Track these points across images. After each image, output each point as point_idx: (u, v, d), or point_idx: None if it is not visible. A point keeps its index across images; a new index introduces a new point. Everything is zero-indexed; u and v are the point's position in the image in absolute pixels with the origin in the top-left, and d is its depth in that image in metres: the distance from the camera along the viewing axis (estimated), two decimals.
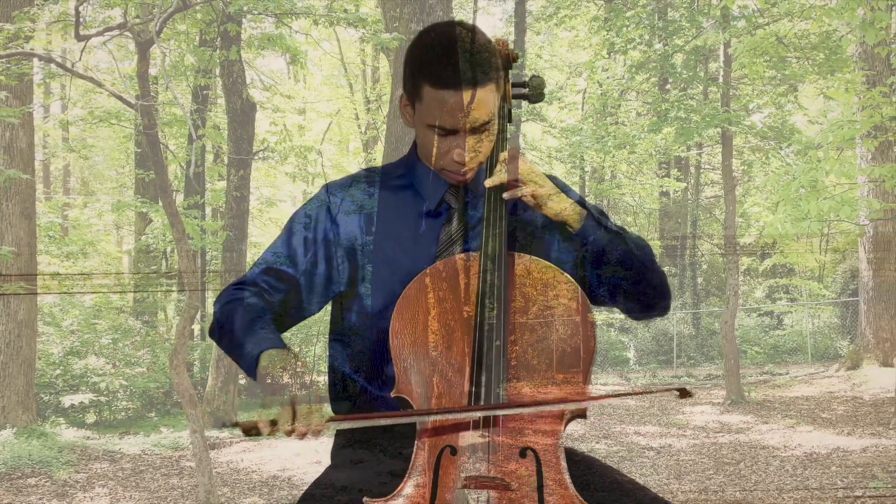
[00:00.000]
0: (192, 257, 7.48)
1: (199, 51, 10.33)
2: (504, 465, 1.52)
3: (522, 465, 1.53)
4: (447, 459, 1.53)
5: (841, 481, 7.22)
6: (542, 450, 1.54)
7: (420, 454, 1.56)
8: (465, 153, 1.66)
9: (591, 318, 1.59)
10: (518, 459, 1.53)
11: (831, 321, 17.37)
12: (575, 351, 1.57)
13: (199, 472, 6.59)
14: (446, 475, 1.53)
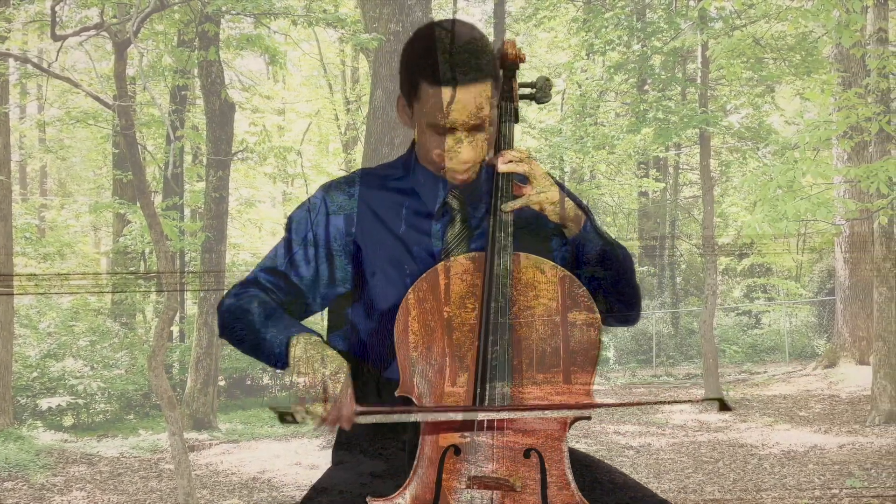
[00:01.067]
0: (170, 259, 7.44)
1: (178, 51, 10.27)
2: (508, 465, 1.53)
3: (526, 465, 1.53)
4: (451, 459, 1.53)
5: (818, 479, 7.29)
6: (546, 450, 1.54)
7: (424, 454, 1.55)
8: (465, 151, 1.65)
9: (597, 318, 1.59)
10: (522, 460, 1.53)
11: (808, 320, 17.53)
12: (581, 351, 1.57)
13: (178, 474, 6.55)
14: (450, 475, 1.53)
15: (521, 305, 1.59)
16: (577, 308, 1.59)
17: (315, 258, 1.74)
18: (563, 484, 1.52)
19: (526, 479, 1.52)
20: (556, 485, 1.52)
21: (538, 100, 1.81)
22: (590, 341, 1.58)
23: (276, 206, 20.30)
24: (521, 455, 1.53)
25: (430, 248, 1.71)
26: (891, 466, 7.47)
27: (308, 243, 1.75)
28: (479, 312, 1.58)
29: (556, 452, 1.54)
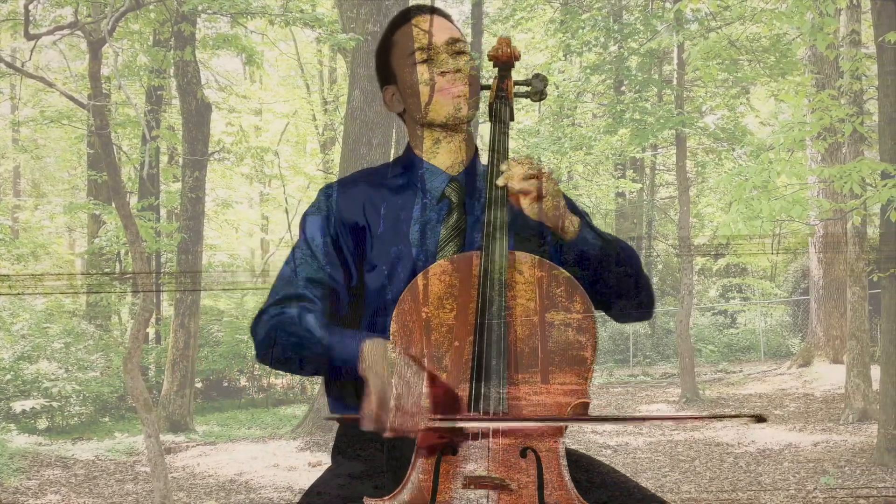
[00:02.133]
0: (146, 260, 7.39)
1: (153, 50, 10.21)
2: (504, 465, 1.52)
3: (523, 465, 1.53)
4: (447, 459, 1.53)
5: (793, 477, 7.35)
6: (543, 450, 1.54)
7: (420, 454, 1.55)
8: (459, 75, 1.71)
9: (593, 317, 1.59)
10: (518, 459, 1.53)
11: (783, 319, 17.68)
12: (578, 350, 1.57)
13: (154, 477, 6.51)
14: (446, 475, 1.52)
15: (518, 304, 1.58)
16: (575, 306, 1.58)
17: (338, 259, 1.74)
18: (559, 483, 1.52)
19: (522, 478, 1.52)
20: (553, 484, 1.52)
21: (534, 97, 1.82)
22: (587, 339, 1.58)
23: (254, 207, 20.21)
24: (517, 455, 1.53)
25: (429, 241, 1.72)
26: (864, 464, 7.56)
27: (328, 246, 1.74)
28: (476, 312, 1.57)
29: (552, 452, 1.54)
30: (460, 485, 1.51)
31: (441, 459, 1.53)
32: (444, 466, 1.53)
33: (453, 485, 1.52)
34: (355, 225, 1.75)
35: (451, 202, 1.74)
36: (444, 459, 1.53)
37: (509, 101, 1.77)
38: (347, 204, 1.77)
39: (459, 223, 1.72)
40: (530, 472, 1.52)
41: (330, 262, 1.73)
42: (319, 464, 8.57)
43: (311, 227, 1.77)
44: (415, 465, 1.54)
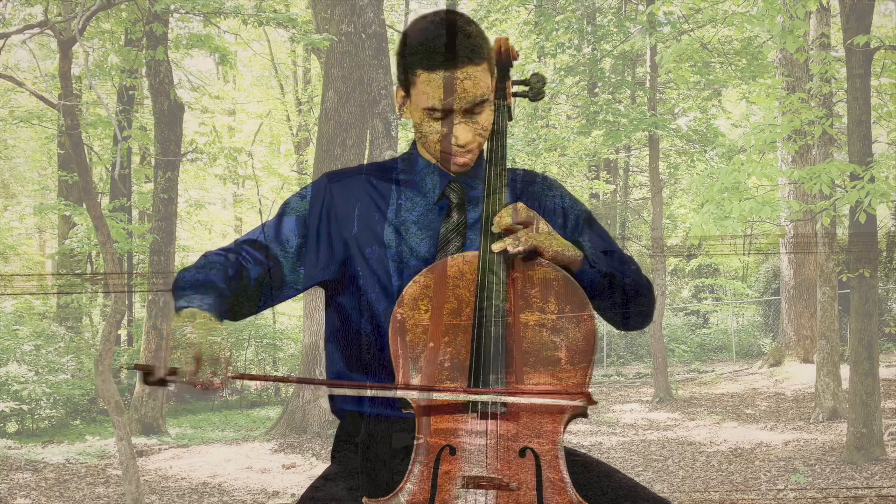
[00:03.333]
0: (117, 261, 7.33)
1: (125, 50, 10.12)
2: (503, 464, 1.52)
3: (522, 464, 1.53)
4: (446, 459, 1.53)
5: (764, 475, 7.42)
6: (542, 450, 1.54)
7: (419, 454, 1.55)
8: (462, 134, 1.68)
9: (591, 316, 1.59)
10: (517, 459, 1.53)
11: (755, 319, 17.85)
12: (576, 348, 1.58)
13: (125, 480, 6.45)
14: (445, 475, 1.52)
15: (516, 304, 1.58)
16: (573, 307, 1.59)
17: (304, 235, 1.74)
18: (558, 483, 1.53)
19: (521, 478, 1.52)
20: (552, 484, 1.52)
21: (532, 97, 1.82)
22: (586, 337, 1.58)
23: (227, 208, 20.09)
24: (516, 454, 1.53)
25: (428, 241, 1.72)
26: (834, 462, 7.65)
27: (300, 218, 1.74)
28: (473, 312, 1.58)
29: (551, 452, 1.54)
30: (459, 485, 1.51)
31: (440, 459, 1.53)
32: (444, 466, 1.53)
33: (453, 485, 1.52)
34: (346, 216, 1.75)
35: (450, 202, 1.74)
36: (444, 459, 1.53)
37: (508, 102, 1.77)
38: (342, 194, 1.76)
39: (459, 223, 1.73)
40: (529, 472, 1.52)
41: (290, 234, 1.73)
42: (293, 466, 8.53)
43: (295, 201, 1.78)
44: (413, 464, 1.54)
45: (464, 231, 1.72)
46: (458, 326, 1.58)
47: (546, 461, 1.53)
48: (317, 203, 1.76)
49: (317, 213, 1.75)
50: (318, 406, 9.82)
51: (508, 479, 1.52)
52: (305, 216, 1.75)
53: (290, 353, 14.96)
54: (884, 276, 15.40)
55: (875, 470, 7.25)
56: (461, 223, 1.73)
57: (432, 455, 1.54)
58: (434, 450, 1.54)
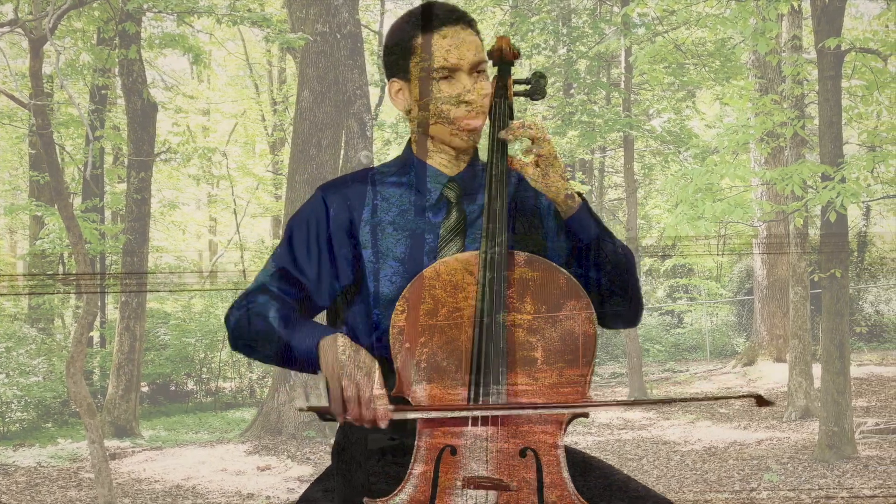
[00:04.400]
0: (89, 262, 7.25)
1: (97, 49, 10.03)
2: (504, 465, 1.52)
3: (522, 465, 1.52)
4: (447, 459, 1.52)
5: (738, 474, 7.48)
6: (543, 450, 1.54)
7: (420, 454, 1.54)
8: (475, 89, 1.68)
9: (592, 315, 1.59)
10: (518, 459, 1.53)
11: (728, 319, 17.99)
12: (577, 348, 1.58)
13: (98, 483, 6.39)
14: (446, 475, 1.52)
15: (516, 303, 1.58)
16: (573, 306, 1.58)
17: (318, 257, 1.73)
18: (559, 483, 1.52)
19: (522, 478, 1.52)
20: (553, 484, 1.52)
21: (533, 96, 1.81)
22: (586, 338, 1.58)
23: (201, 209, 19.96)
24: (517, 455, 1.53)
25: (427, 242, 1.71)
26: (806, 460, 7.72)
27: (311, 243, 1.73)
28: (474, 312, 1.57)
29: (552, 452, 1.54)
30: (460, 485, 1.51)
31: (441, 460, 1.53)
32: (444, 467, 1.52)
33: (453, 485, 1.51)
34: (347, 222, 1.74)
35: (449, 202, 1.74)
36: (444, 460, 1.53)
37: (509, 100, 1.76)
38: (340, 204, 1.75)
39: (458, 223, 1.72)
40: (530, 472, 1.52)
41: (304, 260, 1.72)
42: (268, 468, 8.49)
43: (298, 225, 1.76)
44: (414, 465, 1.54)
45: (463, 231, 1.72)
46: (458, 327, 1.58)
47: (546, 461, 1.53)
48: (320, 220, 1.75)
49: (324, 229, 1.74)
50: (293, 408, 9.77)
51: (509, 480, 1.51)
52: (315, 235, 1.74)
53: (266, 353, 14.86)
54: (854, 276, 15.59)
55: (846, 468, 7.33)
56: (460, 223, 1.72)
57: (433, 455, 1.53)
58: (435, 450, 1.53)
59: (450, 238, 1.71)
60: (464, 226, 1.72)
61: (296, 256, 1.73)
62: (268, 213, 18.17)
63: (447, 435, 1.54)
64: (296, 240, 1.74)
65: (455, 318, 1.58)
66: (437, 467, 1.52)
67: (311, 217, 1.75)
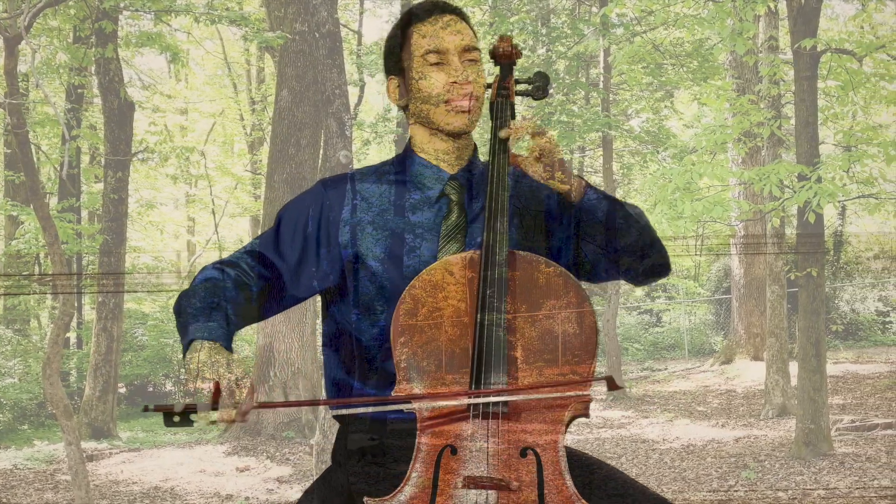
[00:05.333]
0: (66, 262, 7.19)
1: (73, 48, 9.95)
2: (504, 465, 1.52)
3: (523, 465, 1.52)
4: (447, 459, 1.52)
5: (716, 472, 7.53)
6: (543, 450, 1.54)
7: (420, 454, 1.54)
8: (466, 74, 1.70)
9: (592, 313, 1.59)
10: (519, 459, 1.53)
11: (706, 318, 18.10)
12: (577, 346, 1.58)
13: (75, 485, 6.33)
14: (446, 475, 1.52)
15: (517, 302, 1.58)
16: (573, 302, 1.59)
17: (303, 244, 1.73)
18: (559, 483, 1.52)
19: (522, 478, 1.52)
20: (553, 484, 1.52)
21: (535, 95, 1.81)
22: (587, 335, 1.58)
23: (179, 208, 19.83)
24: (517, 454, 1.53)
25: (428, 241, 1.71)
26: (783, 458, 7.79)
27: (298, 228, 1.74)
28: (474, 310, 1.57)
29: (552, 451, 1.54)
30: (460, 485, 1.51)
31: (441, 459, 1.53)
32: (444, 466, 1.52)
33: (453, 485, 1.51)
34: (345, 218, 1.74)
35: (450, 201, 1.74)
36: (444, 459, 1.53)
37: (511, 100, 1.77)
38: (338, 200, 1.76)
39: (459, 222, 1.72)
40: (530, 472, 1.52)
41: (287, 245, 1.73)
42: (247, 469, 8.45)
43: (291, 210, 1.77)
44: (415, 464, 1.53)
45: (464, 229, 1.72)
46: (459, 326, 1.58)
47: (547, 461, 1.53)
48: (313, 211, 1.75)
49: (315, 221, 1.74)
50: (273, 409, 9.74)
51: (509, 480, 1.51)
52: (303, 225, 1.74)
53: (244, 354, 14.81)
54: (830, 275, 15.73)
55: (822, 465, 7.40)
56: (461, 221, 1.72)
57: (433, 455, 1.53)
58: (435, 450, 1.53)
59: (451, 237, 1.71)
60: (465, 224, 1.72)
61: (279, 239, 1.73)
62: (246, 212, 18.08)
63: (448, 434, 1.54)
64: (284, 227, 1.75)
65: (455, 317, 1.58)
66: (437, 467, 1.52)
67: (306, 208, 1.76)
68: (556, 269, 1.61)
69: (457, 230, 1.72)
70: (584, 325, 1.59)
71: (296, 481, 7.83)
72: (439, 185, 1.75)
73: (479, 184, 1.76)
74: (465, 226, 1.72)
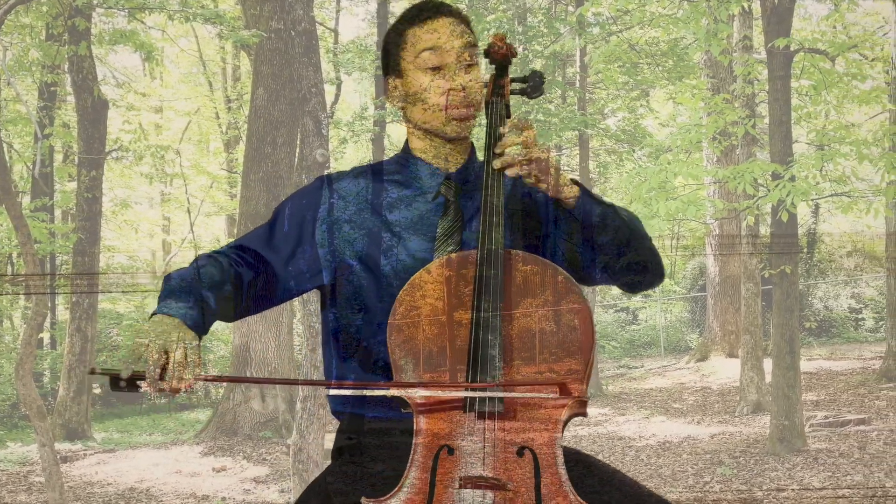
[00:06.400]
0: (39, 262, 7.12)
1: (46, 45, 9.84)
2: (501, 464, 1.52)
3: (520, 464, 1.53)
4: (444, 459, 1.52)
5: (691, 468, 7.59)
6: (540, 449, 1.54)
7: (417, 454, 1.54)
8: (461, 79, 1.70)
9: (588, 311, 1.60)
10: (516, 459, 1.53)
11: (682, 316, 18.22)
12: (573, 346, 1.59)
13: (49, 487, 6.27)
14: (443, 475, 1.52)
15: (513, 301, 1.59)
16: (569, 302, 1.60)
17: (298, 239, 1.73)
18: (557, 483, 1.52)
19: (519, 478, 1.52)
20: (550, 483, 1.52)
21: (530, 94, 1.82)
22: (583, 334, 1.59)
23: (154, 207, 19.67)
24: (514, 454, 1.53)
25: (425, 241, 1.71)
26: (758, 454, 7.86)
27: (294, 223, 1.74)
28: (471, 309, 1.58)
29: (549, 451, 1.54)
30: (457, 485, 1.51)
31: (438, 459, 1.52)
32: (441, 466, 1.52)
33: (450, 485, 1.51)
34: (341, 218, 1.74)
35: (446, 200, 1.74)
36: (441, 459, 1.52)
37: (506, 99, 1.77)
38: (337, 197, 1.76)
39: (455, 221, 1.72)
40: (527, 472, 1.52)
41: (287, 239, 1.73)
42: (224, 469, 8.41)
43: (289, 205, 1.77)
44: (411, 465, 1.53)
45: (461, 228, 1.72)
46: (456, 326, 1.58)
47: (544, 461, 1.53)
48: (311, 208, 1.75)
49: (311, 217, 1.74)
50: (249, 408, 9.69)
51: (506, 479, 1.51)
52: (299, 221, 1.74)
53: (221, 354, 14.73)
54: (804, 273, 15.89)
55: (797, 461, 7.47)
56: (457, 221, 1.73)
57: (430, 455, 1.53)
58: (432, 450, 1.53)
59: (447, 236, 1.71)
60: (461, 223, 1.73)
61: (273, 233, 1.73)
62: (222, 211, 17.97)
63: (444, 434, 1.54)
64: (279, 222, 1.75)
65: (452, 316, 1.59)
66: (434, 467, 1.52)
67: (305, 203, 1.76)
68: (552, 268, 1.62)
69: (453, 229, 1.72)
70: (580, 323, 1.60)
71: (272, 481, 7.80)
72: (436, 184, 1.75)
73: (475, 183, 1.76)
74: (462, 225, 1.73)
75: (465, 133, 1.75)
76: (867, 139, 8.16)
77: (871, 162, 7.88)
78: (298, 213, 1.75)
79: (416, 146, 1.79)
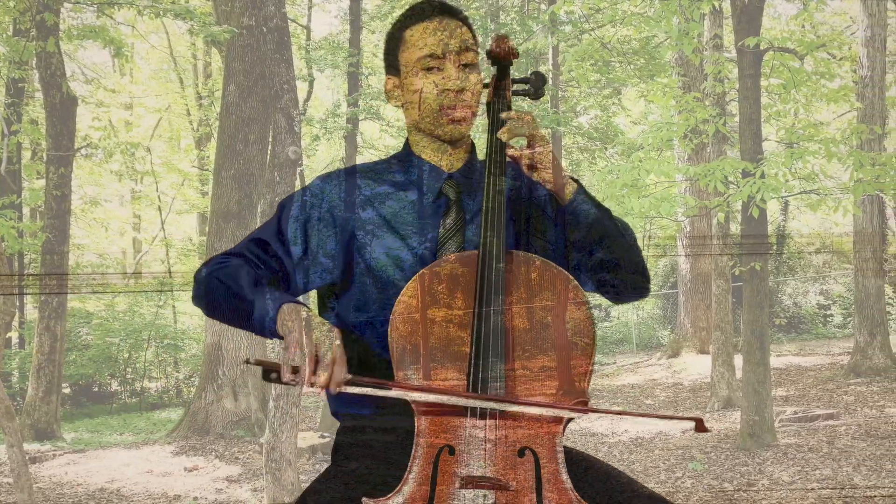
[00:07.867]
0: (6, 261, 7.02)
1: (13, 40, 9.71)
2: (502, 464, 1.52)
3: (521, 464, 1.53)
4: (445, 459, 1.52)
5: (663, 464, 7.64)
6: (541, 449, 1.54)
7: (418, 454, 1.53)
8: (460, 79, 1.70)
9: (589, 312, 1.61)
10: (516, 459, 1.53)
11: (654, 312, 18.35)
12: (574, 345, 1.60)
13: (17, 488, 6.20)
14: (444, 475, 1.51)
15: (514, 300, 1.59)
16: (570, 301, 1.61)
17: (305, 240, 1.72)
18: (558, 483, 1.53)
19: (520, 478, 1.52)
20: (551, 484, 1.52)
21: (532, 95, 1.84)
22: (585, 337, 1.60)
23: (124, 205, 19.49)
24: (515, 454, 1.53)
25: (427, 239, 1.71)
26: (728, 449, 7.93)
27: (299, 224, 1.73)
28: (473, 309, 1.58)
29: (550, 451, 1.55)
30: (458, 485, 1.51)
31: (439, 459, 1.52)
32: (442, 466, 1.52)
33: (451, 485, 1.51)
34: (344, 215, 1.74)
35: (448, 200, 1.74)
36: (442, 459, 1.52)
37: (507, 100, 1.77)
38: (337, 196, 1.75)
39: (457, 220, 1.72)
40: (528, 472, 1.53)
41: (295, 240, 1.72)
42: (196, 468, 8.35)
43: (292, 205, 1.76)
44: (413, 465, 1.53)
45: (462, 228, 1.72)
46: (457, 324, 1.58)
47: (545, 461, 1.54)
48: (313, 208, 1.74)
49: (315, 217, 1.73)
50: (222, 407, 9.63)
51: (507, 480, 1.52)
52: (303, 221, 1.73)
53: (192, 353, 14.62)
54: (774, 270, 16.06)
55: (767, 456, 7.56)
56: (459, 220, 1.73)
57: (431, 455, 1.53)
58: (433, 450, 1.53)
59: (449, 235, 1.71)
60: (463, 223, 1.73)
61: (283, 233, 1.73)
62: (194, 209, 17.84)
63: (445, 434, 1.54)
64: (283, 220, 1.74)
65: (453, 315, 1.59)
66: (435, 467, 1.52)
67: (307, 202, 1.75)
68: (553, 268, 1.63)
69: (455, 229, 1.72)
70: (580, 321, 1.61)
71: (245, 480, 7.76)
72: (438, 184, 1.75)
73: (477, 183, 1.76)
74: (464, 224, 1.73)
75: (462, 134, 1.75)
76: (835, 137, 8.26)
77: (840, 160, 7.98)
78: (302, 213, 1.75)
79: (416, 145, 1.78)
